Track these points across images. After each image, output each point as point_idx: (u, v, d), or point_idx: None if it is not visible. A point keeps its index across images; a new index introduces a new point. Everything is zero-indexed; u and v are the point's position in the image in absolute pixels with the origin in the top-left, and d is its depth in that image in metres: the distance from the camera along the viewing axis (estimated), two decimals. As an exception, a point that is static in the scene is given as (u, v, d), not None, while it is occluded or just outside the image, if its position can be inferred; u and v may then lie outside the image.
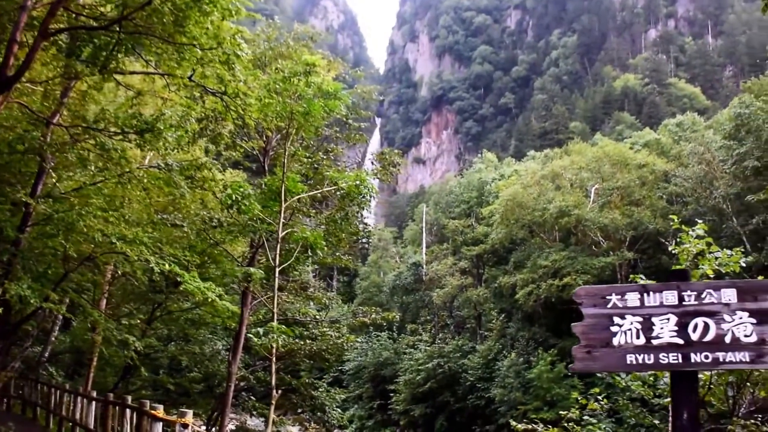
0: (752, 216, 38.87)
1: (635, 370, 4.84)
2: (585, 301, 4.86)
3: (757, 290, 4.44)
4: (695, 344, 4.48)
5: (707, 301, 4.52)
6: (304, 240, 15.54)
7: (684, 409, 4.48)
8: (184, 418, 9.37)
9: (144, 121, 12.55)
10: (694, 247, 10.31)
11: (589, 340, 4.77)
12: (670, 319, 4.58)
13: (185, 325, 25.84)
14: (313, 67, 14.67)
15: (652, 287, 4.73)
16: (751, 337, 4.37)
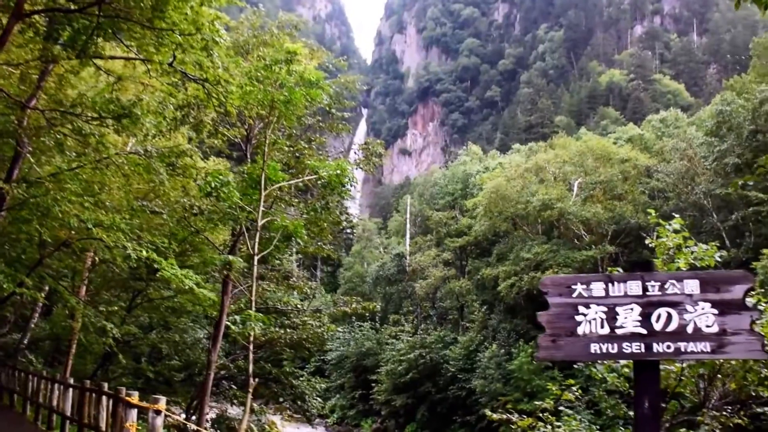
0: (731, 212, 39.22)
1: (599, 359, 4.88)
2: (551, 290, 4.89)
3: (719, 281, 4.49)
4: (658, 334, 4.53)
5: (670, 292, 4.56)
6: (285, 229, 15.50)
7: (646, 398, 4.53)
8: (157, 404, 9.36)
9: (121, 106, 12.46)
10: (671, 241, 10.40)
11: (554, 329, 4.81)
12: (633, 309, 4.63)
13: (166, 314, 25.75)
14: (294, 56, 14.62)
15: (617, 277, 4.78)
16: (712, 328, 4.42)
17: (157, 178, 15.72)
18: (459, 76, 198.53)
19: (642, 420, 4.52)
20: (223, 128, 20.35)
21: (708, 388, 10.01)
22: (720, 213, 40.37)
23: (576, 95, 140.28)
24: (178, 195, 19.65)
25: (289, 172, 19.01)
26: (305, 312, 25.78)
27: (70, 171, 14.41)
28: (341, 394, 54.93)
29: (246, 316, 13.23)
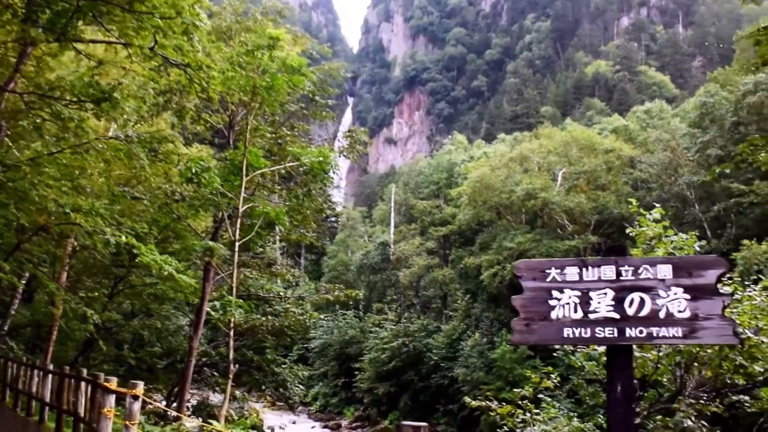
0: (713, 203, 39.49)
1: (572, 343, 4.90)
2: (525, 274, 4.89)
3: (691, 267, 4.50)
4: (631, 319, 4.54)
5: (644, 277, 4.57)
6: (266, 215, 15.44)
7: (618, 383, 4.54)
8: (134, 389, 9.31)
9: (101, 90, 12.33)
10: (651, 230, 10.44)
11: (528, 313, 4.81)
12: (607, 294, 4.63)
13: (148, 300, 25.64)
14: (277, 41, 14.54)
15: (591, 262, 4.78)
16: (684, 313, 4.43)
17: (138, 163, 15.56)
18: (445, 65, 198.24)
19: (614, 404, 4.54)
20: (206, 114, 20.22)
21: (684, 376, 10.08)
22: (702, 204, 40.63)
23: (562, 86, 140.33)
24: (161, 181, 19.55)
25: (271, 158, 18.92)
26: (288, 299, 25.73)
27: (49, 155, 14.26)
28: (324, 382, 54.97)
29: (226, 302, 13.19)
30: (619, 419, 4.51)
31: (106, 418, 10.16)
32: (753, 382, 10.24)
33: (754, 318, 9.39)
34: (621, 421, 4.51)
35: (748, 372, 9.37)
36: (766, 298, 9.77)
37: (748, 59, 48.04)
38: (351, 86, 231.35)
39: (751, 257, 31.86)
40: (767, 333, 9.19)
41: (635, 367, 9.75)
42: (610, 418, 4.57)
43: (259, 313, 23.95)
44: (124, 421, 9.19)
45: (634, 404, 4.61)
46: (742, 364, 9.28)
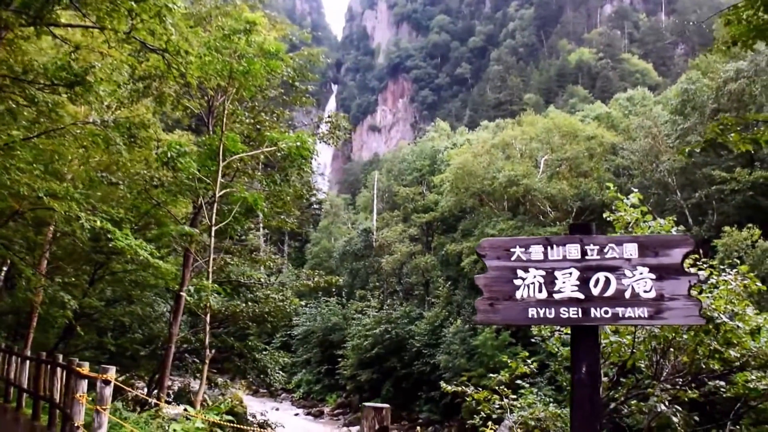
0: (695, 190, 39.69)
1: (536, 323, 4.86)
2: (489, 253, 4.84)
3: (657, 246, 4.47)
4: (596, 299, 4.50)
5: (609, 256, 4.54)
6: (244, 201, 15.36)
7: (584, 364, 4.51)
8: (106, 374, 9.23)
9: (74, 73, 12.17)
10: (629, 215, 10.44)
11: (492, 292, 4.77)
12: (572, 274, 4.59)
13: (129, 287, 25.49)
14: (253, 26, 14.39)
15: (556, 240, 4.73)
16: (650, 293, 4.40)
17: (115, 149, 15.39)
18: (429, 52, 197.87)
19: (579, 386, 4.51)
20: (185, 100, 20.05)
21: (661, 361, 10.11)
22: (684, 191, 40.84)
23: (545, 73, 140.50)
24: (141, 167, 19.39)
25: (250, 144, 18.80)
26: (269, 286, 25.64)
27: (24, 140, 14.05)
28: (307, 369, 54.99)
29: (200, 287, 13.13)
30: (584, 401, 4.48)
31: (78, 404, 10.08)
32: (730, 367, 10.30)
33: (730, 303, 9.41)
34: (586, 402, 4.48)
35: (723, 357, 9.41)
36: (741, 283, 9.81)
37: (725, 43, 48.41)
38: (335, 74, 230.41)
39: (731, 244, 32.08)
40: (743, 318, 9.22)
41: (610, 352, 9.79)
42: (574, 400, 4.54)
43: (240, 300, 23.91)
44: (95, 406, 9.12)
45: (599, 386, 4.58)
46: (717, 349, 9.31)
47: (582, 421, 4.50)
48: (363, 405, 4.78)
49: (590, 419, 4.47)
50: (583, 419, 4.49)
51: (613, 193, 11.17)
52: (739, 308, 9.20)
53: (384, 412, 4.70)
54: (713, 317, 8.82)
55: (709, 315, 8.81)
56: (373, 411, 4.70)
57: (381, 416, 4.67)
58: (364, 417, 4.71)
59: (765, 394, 9.71)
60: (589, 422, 4.47)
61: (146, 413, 13.31)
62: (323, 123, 21.86)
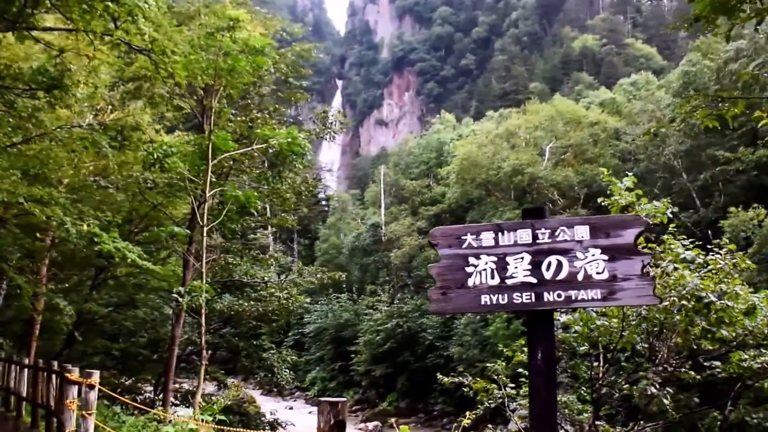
0: (700, 172, 39.44)
1: (489, 310, 4.74)
2: (441, 242, 4.73)
3: (609, 226, 4.35)
4: (548, 283, 4.38)
5: (561, 239, 4.41)
6: (235, 199, 15.29)
7: (539, 349, 4.40)
8: (90, 378, 9.18)
9: (50, 77, 12.09)
10: (624, 199, 10.31)
11: (445, 281, 4.65)
12: (524, 258, 4.47)
13: (132, 291, 25.53)
14: (237, 22, 14.28)
15: (507, 226, 4.61)
16: (603, 274, 4.28)
17: (102, 152, 15.32)
18: (433, 45, 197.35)
19: (536, 372, 4.40)
20: (177, 100, 19.97)
21: (654, 343, 9.99)
22: (690, 173, 40.59)
23: (550, 61, 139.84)
24: (138, 170, 19.33)
25: (243, 142, 18.71)
26: (273, 284, 25.56)
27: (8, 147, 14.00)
28: (321, 367, 54.97)
29: (191, 287, 13.08)
30: (540, 387, 4.38)
31: (69, 410, 10.03)
32: (728, 347, 10.16)
33: (720, 282, 9.28)
34: (542, 388, 4.37)
35: (718, 337, 9.28)
36: (730, 262, 9.67)
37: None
38: (339, 69, 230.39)
39: (738, 224, 31.86)
40: (733, 296, 9.07)
41: (598, 336, 9.67)
42: (531, 386, 4.45)
43: (244, 300, 23.88)
44: (81, 411, 9.07)
45: (555, 372, 4.47)
46: (709, 329, 9.18)
47: (538, 406, 4.41)
48: (320, 400, 4.71)
49: (546, 405, 4.37)
50: (539, 405, 4.40)
51: (608, 177, 11.05)
52: (729, 287, 9.04)
53: (340, 406, 4.62)
54: (701, 297, 8.70)
55: (697, 294, 8.70)
56: (328, 405, 4.62)
57: (337, 410, 4.60)
58: (320, 412, 4.64)
59: (759, 373, 9.60)
60: (545, 408, 4.37)
61: (144, 417, 13.30)
62: (318, 119, 21.75)
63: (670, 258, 9.52)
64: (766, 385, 9.99)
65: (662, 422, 10.61)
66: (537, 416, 4.41)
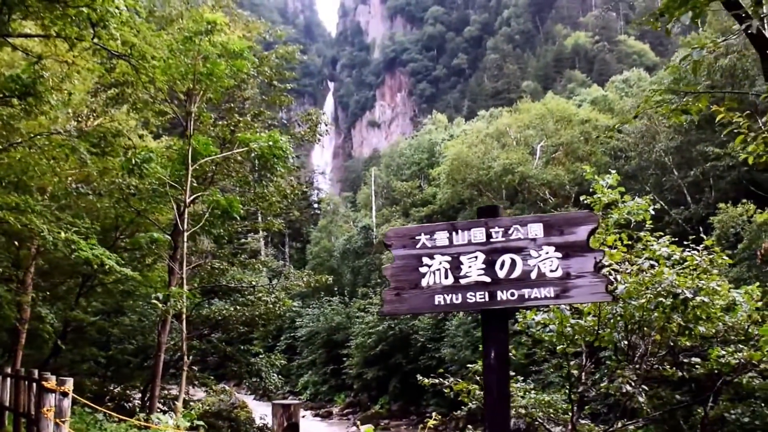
0: (691, 168, 39.43)
1: (443, 310, 4.68)
2: (395, 242, 4.68)
3: (562, 224, 4.29)
4: (502, 282, 4.33)
5: (514, 237, 4.36)
6: (217, 204, 15.22)
7: (492, 349, 4.35)
8: (63, 386, 9.10)
9: (23, 84, 12.01)
10: (606, 197, 10.31)
11: (399, 282, 4.60)
12: (478, 257, 4.42)
13: (119, 298, 25.43)
14: (214, 26, 14.22)
15: (461, 225, 4.56)
16: (556, 272, 4.23)
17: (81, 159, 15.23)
18: (425, 45, 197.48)
19: (489, 370, 4.35)
20: (158, 106, 19.89)
21: (633, 340, 9.96)
22: (681, 170, 40.58)
23: (542, 59, 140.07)
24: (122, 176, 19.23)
25: (226, 146, 18.64)
26: (261, 288, 25.46)
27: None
28: (313, 371, 54.71)
29: (170, 292, 12.99)
30: (493, 385, 4.33)
31: (45, 418, 9.92)
32: (710, 343, 10.15)
33: (696, 278, 9.25)
34: (495, 386, 4.33)
35: (695, 334, 9.26)
36: (707, 258, 9.66)
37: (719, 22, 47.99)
38: (331, 71, 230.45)
39: (727, 220, 31.82)
40: (710, 292, 9.04)
41: (574, 334, 9.63)
42: (485, 384, 4.41)
43: (229, 304, 23.79)
44: (55, 419, 8.98)
45: (508, 371, 4.42)
46: (686, 325, 9.16)
47: (491, 404, 4.37)
48: (273, 402, 4.67)
49: (499, 404, 4.33)
50: (492, 404, 4.36)
51: (590, 175, 11.05)
52: (705, 283, 9.01)
53: (293, 408, 4.61)
54: (678, 293, 8.67)
55: (673, 291, 8.67)
56: (281, 408, 4.59)
57: (290, 413, 4.57)
58: (273, 414, 4.61)
59: (737, 368, 9.59)
60: (498, 407, 4.33)
61: (126, 423, 13.20)
62: (302, 121, 21.69)
63: (646, 255, 9.51)
64: (745, 380, 10.00)
65: (643, 419, 10.60)
66: (490, 414, 4.37)
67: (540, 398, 11.33)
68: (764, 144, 6.43)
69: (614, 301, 9.03)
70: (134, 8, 12.97)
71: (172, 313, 17.12)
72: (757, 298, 9.82)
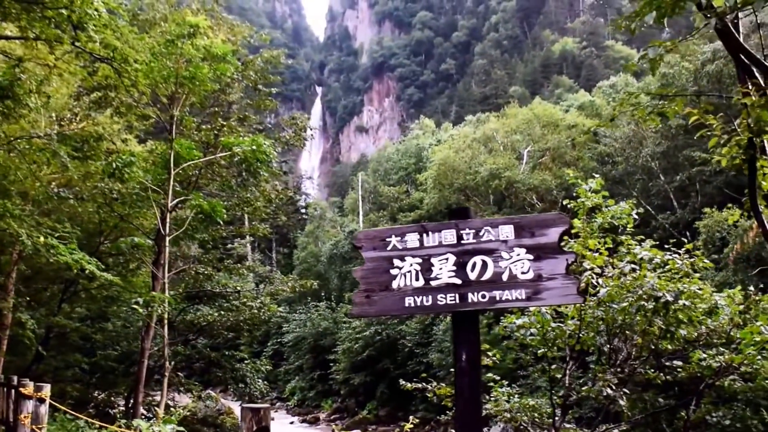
0: (678, 173, 39.58)
1: (414, 312, 4.63)
2: (365, 244, 4.63)
3: (534, 225, 4.26)
4: (473, 284, 4.29)
5: (485, 239, 4.32)
6: (200, 208, 15.12)
7: (463, 351, 4.31)
8: (40, 392, 9.00)
9: (0, 86, 11.89)
10: (590, 201, 10.30)
11: (369, 284, 4.55)
12: (449, 259, 4.38)
13: (103, 304, 25.23)
14: (197, 29, 14.14)
15: (431, 227, 4.53)
16: (528, 274, 4.19)
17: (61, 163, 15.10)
18: (413, 50, 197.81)
19: (461, 373, 4.30)
20: (145, 110, 19.78)
21: (616, 344, 9.94)
22: (667, 175, 40.73)
23: (530, 65, 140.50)
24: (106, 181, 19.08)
25: (209, 150, 18.54)
26: (246, 293, 25.35)
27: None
28: (300, 376, 54.49)
29: (151, 297, 12.89)
30: (465, 388, 4.29)
31: (22, 425, 9.81)
32: (693, 346, 10.14)
33: (678, 281, 9.25)
34: (466, 389, 4.28)
35: (676, 337, 9.26)
36: (688, 262, 9.66)
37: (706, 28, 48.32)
38: (319, 75, 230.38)
39: (713, 225, 31.95)
40: (690, 295, 9.03)
41: (555, 338, 9.61)
42: (456, 387, 4.36)
43: (214, 309, 23.65)
44: (32, 426, 8.87)
45: (479, 373, 4.37)
46: (668, 329, 9.15)
47: (462, 407, 4.33)
48: (242, 406, 4.61)
49: (470, 406, 4.29)
50: (464, 406, 4.32)
51: (573, 179, 11.04)
52: (686, 286, 9.00)
53: (262, 412, 4.54)
54: (659, 297, 8.65)
55: (654, 295, 8.66)
56: (250, 412, 4.53)
57: (259, 416, 4.51)
58: (242, 419, 4.55)
59: (719, 371, 9.60)
60: (470, 409, 4.28)
61: (107, 430, 13.05)
62: (287, 125, 21.61)
63: (628, 258, 9.50)
64: (726, 383, 10.00)
65: (626, 423, 10.57)
66: (461, 416, 4.33)
67: (524, 402, 11.28)
68: (737, 146, 6.42)
69: (597, 305, 9.04)
70: (117, 11, 12.92)
71: (155, 318, 17.03)
72: (739, 301, 9.84)
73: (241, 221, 32.10)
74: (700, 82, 39.51)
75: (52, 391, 10.33)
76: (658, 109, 6.84)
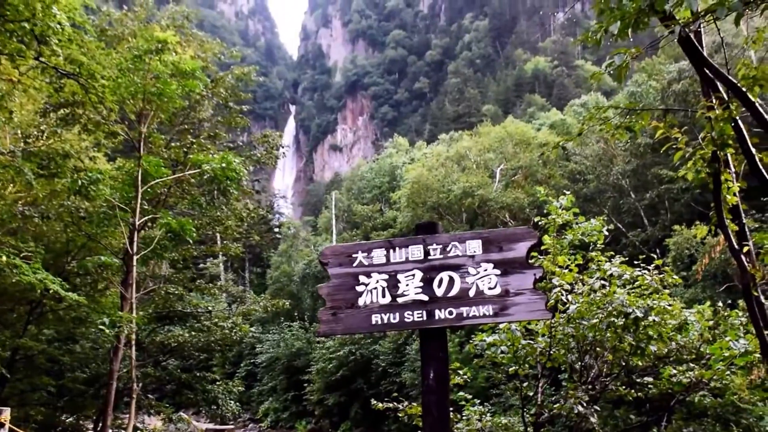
0: (647, 191, 39.97)
1: (381, 329, 4.54)
2: (331, 260, 4.54)
3: (501, 240, 4.19)
4: (440, 300, 4.21)
5: (452, 254, 4.25)
6: (168, 227, 14.90)
7: (432, 369, 4.22)
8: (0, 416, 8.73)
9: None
10: (560, 218, 10.29)
11: (335, 301, 4.46)
12: (415, 275, 4.30)
13: (71, 325, 24.72)
14: (165, 44, 14.00)
15: (399, 242, 4.44)
16: (495, 290, 4.12)
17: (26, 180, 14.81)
18: (387, 68, 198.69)
19: (428, 391, 4.21)
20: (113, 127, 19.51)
21: (587, 360, 9.90)
22: (637, 193, 41.12)
23: (503, 83, 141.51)
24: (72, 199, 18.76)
25: (179, 168, 18.32)
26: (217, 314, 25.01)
27: None
28: (274, 397, 53.94)
29: (117, 317, 12.66)
30: (432, 406, 4.20)
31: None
32: (664, 362, 10.13)
33: (647, 297, 9.25)
34: (434, 407, 4.19)
35: (647, 353, 9.24)
36: (657, 277, 9.67)
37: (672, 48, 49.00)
38: (292, 94, 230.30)
39: (682, 242, 32.25)
40: (660, 311, 9.02)
41: (526, 355, 9.55)
42: (423, 405, 4.27)
43: (185, 330, 23.30)
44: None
45: (447, 391, 4.27)
46: (639, 345, 9.12)
47: (431, 426, 4.24)
48: (206, 429, 4.44)
49: (438, 424, 4.18)
50: (432, 424, 4.22)
51: (543, 196, 11.05)
52: (656, 302, 9.00)
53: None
54: (628, 313, 8.63)
55: (624, 311, 8.64)
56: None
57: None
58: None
59: (690, 387, 9.59)
60: (438, 428, 4.19)
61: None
62: (258, 143, 21.44)
63: (598, 275, 9.49)
64: (697, 399, 10.00)
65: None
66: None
67: (497, 421, 11.21)
68: (702, 160, 6.45)
69: (567, 321, 9.00)
70: (83, 26, 12.76)
71: (124, 339, 16.71)
72: (708, 317, 9.86)
73: (213, 240, 31.76)
74: (667, 101, 40.06)
75: (17, 414, 10.07)
76: (625, 123, 6.82)
